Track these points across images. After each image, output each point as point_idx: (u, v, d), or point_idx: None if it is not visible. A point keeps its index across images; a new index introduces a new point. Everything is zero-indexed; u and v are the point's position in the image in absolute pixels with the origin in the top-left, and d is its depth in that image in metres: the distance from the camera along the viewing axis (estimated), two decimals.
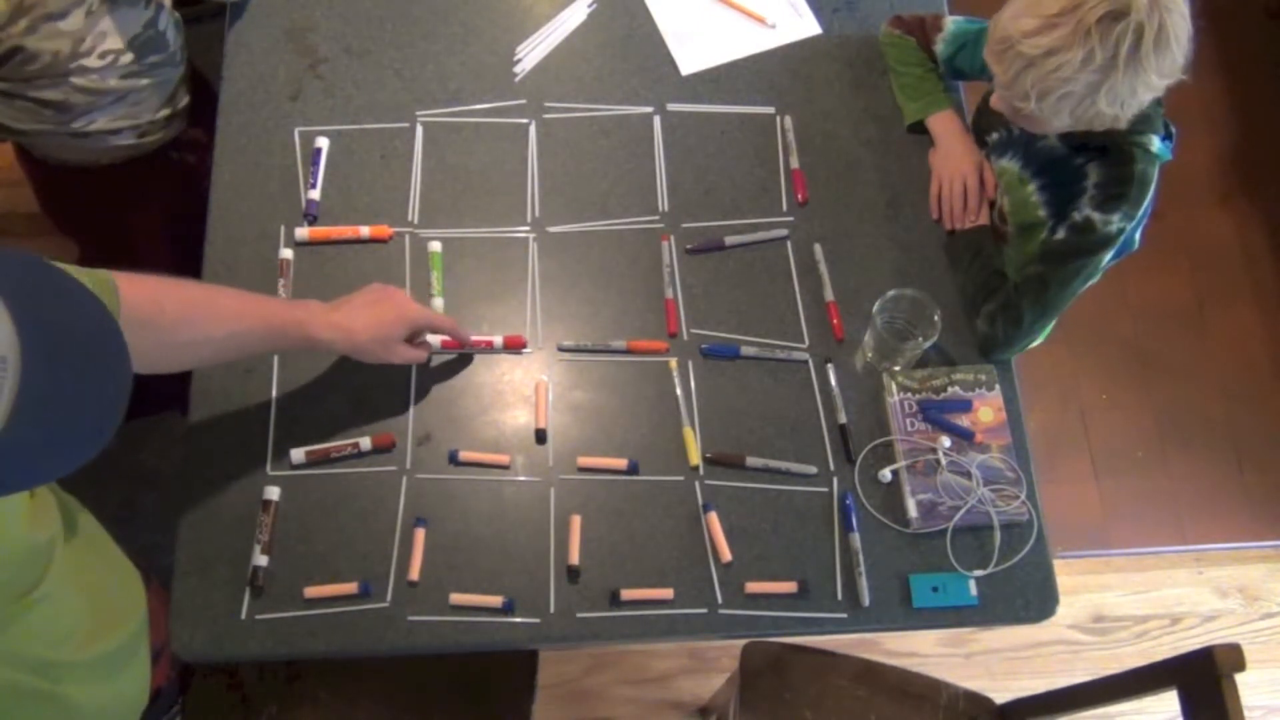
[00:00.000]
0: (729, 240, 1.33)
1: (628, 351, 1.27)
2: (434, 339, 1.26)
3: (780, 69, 1.45)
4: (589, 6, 1.48)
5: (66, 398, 0.60)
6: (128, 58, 1.35)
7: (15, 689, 0.83)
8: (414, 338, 1.18)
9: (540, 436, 1.23)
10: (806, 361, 1.28)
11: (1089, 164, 1.20)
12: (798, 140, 1.40)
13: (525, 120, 1.40)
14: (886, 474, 1.22)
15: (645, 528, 1.19)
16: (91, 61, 1.32)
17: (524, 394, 1.25)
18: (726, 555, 1.17)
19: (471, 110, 1.40)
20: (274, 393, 1.23)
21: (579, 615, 1.15)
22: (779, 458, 1.22)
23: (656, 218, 1.35)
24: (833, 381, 1.26)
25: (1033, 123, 1.15)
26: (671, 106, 1.42)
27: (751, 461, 1.22)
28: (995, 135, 1.33)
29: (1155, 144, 1.16)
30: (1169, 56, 1.04)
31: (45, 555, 0.86)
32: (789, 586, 1.17)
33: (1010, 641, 1.99)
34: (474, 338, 1.26)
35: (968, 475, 1.21)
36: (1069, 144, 1.22)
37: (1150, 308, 2.25)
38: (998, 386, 1.25)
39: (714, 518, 1.19)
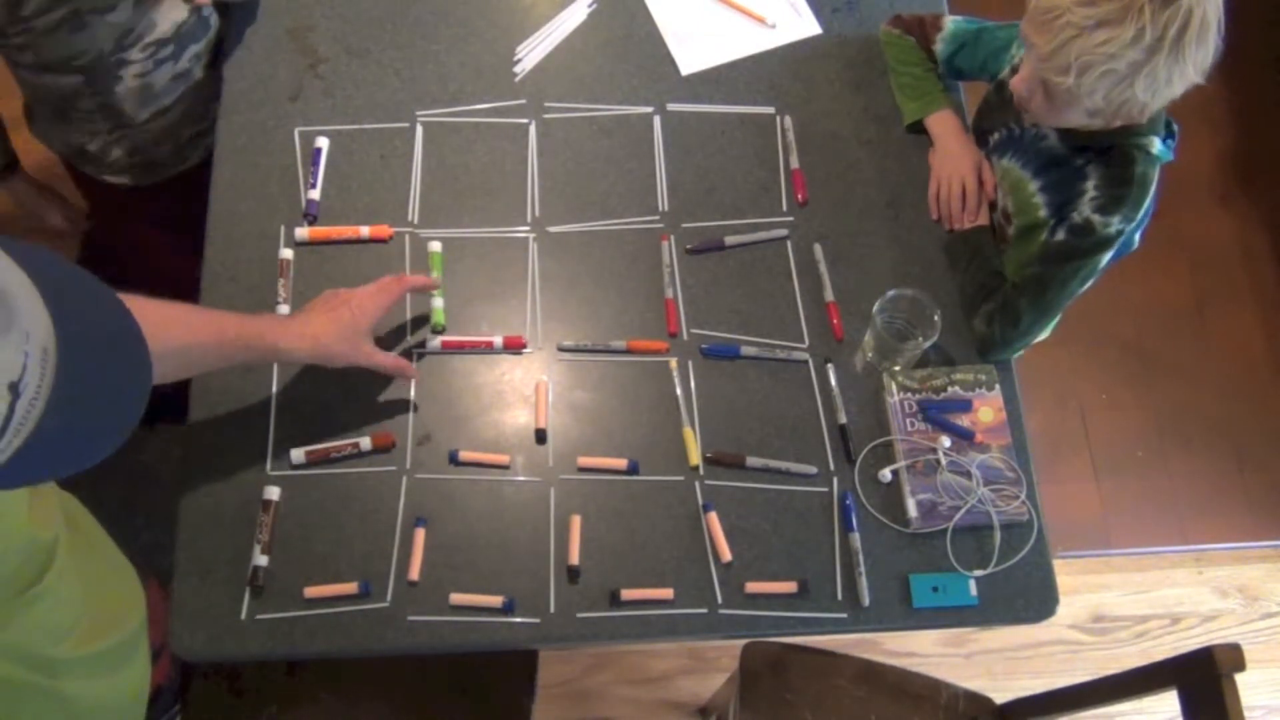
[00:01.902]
0: (729, 240, 1.33)
1: (628, 351, 1.27)
2: (435, 341, 1.26)
3: (780, 69, 1.45)
4: (589, 6, 1.48)
5: (92, 393, 0.61)
6: (169, 49, 1.34)
7: (13, 684, 0.84)
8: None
9: (540, 436, 1.23)
10: (806, 361, 1.28)
11: (1089, 165, 1.20)
12: (798, 140, 1.40)
13: (525, 120, 1.40)
14: (886, 474, 1.22)
15: (645, 528, 1.19)
16: (134, 54, 1.31)
17: (524, 394, 1.25)
18: (726, 555, 1.17)
19: (471, 110, 1.40)
20: (274, 393, 1.23)
21: (579, 615, 1.15)
22: (779, 458, 1.22)
23: (656, 218, 1.35)
24: (833, 381, 1.26)
25: (1053, 109, 1.14)
26: (671, 106, 1.42)
27: (751, 461, 1.22)
28: (997, 135, 1.33)
29: (1156, 145, 1.16)
30: (1205, 49, 1.04)
31: (47, 553, 0.86)
32: (789, 586, 1.17)
33: (1010, 641, 1.99)
34: (474, 338, 1.26)
35: (968, 475, 1.21)
36: (1070, 144, 1.21)
37: (1150, 308, 2.25)
38: (998, 386, 1.25)
39: (714, 518, 1.19)
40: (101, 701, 0.95)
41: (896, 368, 1.25)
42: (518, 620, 1.15)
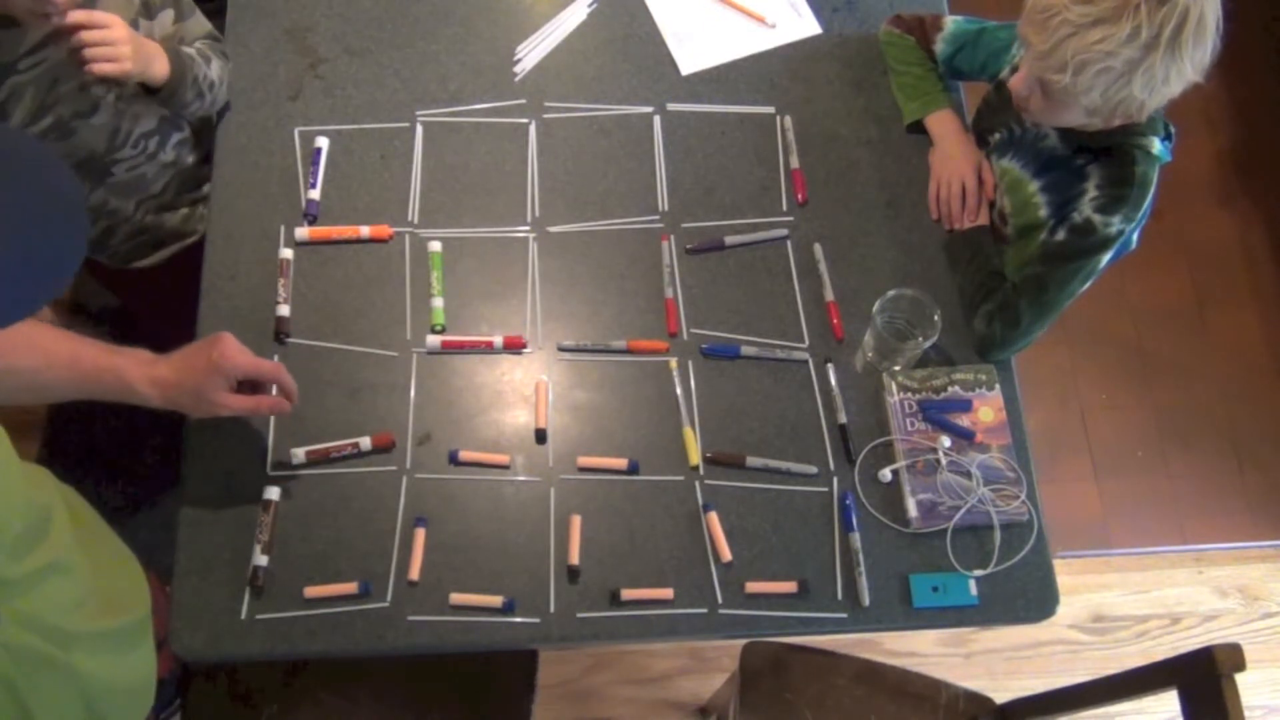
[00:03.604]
0: (729, 240, 1.33)
1: (628, 351, 1.27)
2: (435, 341, 1.25)
3: (780, 69, 1.45)
4: (589, 6, 1.48)
5: (34, 211, 0.65)
6: (155, 140, 1.33)
7: (31, 653, 0.85)
8: (259, 387, 1.11)
9: (540, 436, 1.23)
10: (806, 361, 1.28)
11: (1090, 165, 1.20)
12: (798, 140, 1.40)
13: (525, 120, 1.40)
14: (886, 474, 1.22)
15: (645, 528, 1.19)
16: (125, 153, 1.30)
17: (524, 394, 1.25)
18: (726, 555, 1.17)
19: (471, 110, 1.40)
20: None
21: (579, 615, 1.15)
22: (779, 458, 1.22)
23: (656, 218, 1.35)
24: (833, 381, 1.26)
25: (1051, 108, 1.14)
26: (671, 106, 1.41)
27: (751, 461, 1.22)
28: (997, 135, 1.33)
29: (1156, 145, 1.16)
30: (1203, 47, 1.04)
31: (45, 514, 0.88)
32: (789, 586, 1.17)
33: (1010, 641, 1.99)
34: (474, 338, 1.26)
35: (968, 475, 1.21)
36: (1070, 145, 1.21)
37: (1150, 308, 2.25)
38: (998, 386, 1.25)
39: (714, 518, 1.19)
40: (111, 682, 0.96)
41: (896, 368, 1.25)
42: (518, 620, 1.15)
